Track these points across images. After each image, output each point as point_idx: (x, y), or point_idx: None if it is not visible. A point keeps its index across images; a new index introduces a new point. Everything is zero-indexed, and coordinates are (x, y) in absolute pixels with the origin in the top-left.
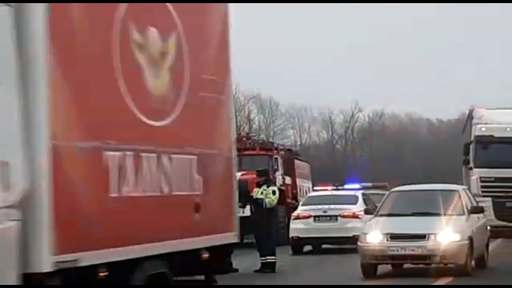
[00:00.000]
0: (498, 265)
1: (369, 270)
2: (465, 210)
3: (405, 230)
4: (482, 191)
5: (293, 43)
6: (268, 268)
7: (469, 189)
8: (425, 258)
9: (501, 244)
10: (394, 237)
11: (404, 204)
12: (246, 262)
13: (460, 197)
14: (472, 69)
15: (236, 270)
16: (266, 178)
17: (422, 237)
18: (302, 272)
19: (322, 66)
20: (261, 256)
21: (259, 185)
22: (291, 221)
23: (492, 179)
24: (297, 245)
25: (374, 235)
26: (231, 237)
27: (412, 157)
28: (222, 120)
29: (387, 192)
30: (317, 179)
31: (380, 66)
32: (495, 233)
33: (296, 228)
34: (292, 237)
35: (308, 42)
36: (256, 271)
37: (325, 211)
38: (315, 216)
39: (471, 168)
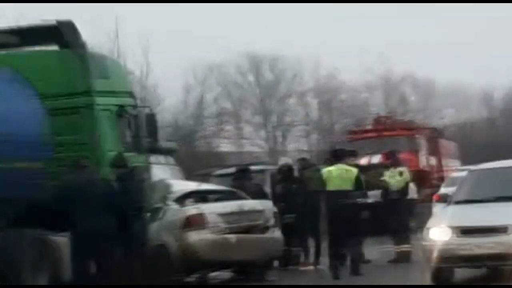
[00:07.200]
0: None
1: (440, 276)
2: None
3: (481, 222)
4: None
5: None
6: (403, 257)
7: None
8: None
9: None
10: (465, 231)
11: (487, 187)
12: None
13: None
14: None
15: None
16: (393, 160)
17: (502, 230)
18: None
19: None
20: (395, 245)
21: (387, 168)
22: (433, 204)
23: None
24: None
25: (439, 230)
26: None
27: None
28: None
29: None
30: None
31: None
32: None
33: None
34: None
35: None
36: (390, 261)
37: None
38: None
39: None
